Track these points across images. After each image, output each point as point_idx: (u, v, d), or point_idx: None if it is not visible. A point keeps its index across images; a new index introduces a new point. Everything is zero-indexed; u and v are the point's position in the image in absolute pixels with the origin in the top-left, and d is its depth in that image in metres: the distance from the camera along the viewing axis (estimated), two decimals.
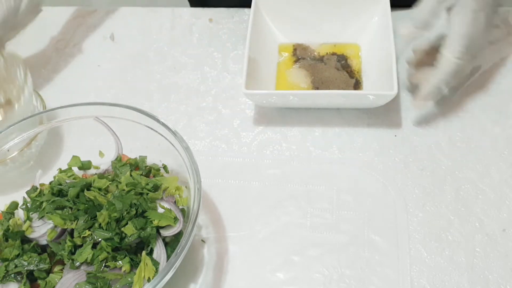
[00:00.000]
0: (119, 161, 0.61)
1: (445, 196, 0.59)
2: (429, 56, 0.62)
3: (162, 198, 0.56)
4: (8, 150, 0.60)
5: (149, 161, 0.61)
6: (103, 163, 0.63)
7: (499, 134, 0.63)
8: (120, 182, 0.57)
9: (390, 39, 0.63)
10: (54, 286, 0.52)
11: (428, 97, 0.61)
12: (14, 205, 0.59)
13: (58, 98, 0.68)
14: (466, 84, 0.66)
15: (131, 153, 0.62)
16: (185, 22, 0.82)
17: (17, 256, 0.53)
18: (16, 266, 0.53)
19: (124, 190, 0.56)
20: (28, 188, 0.59)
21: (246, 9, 0.80)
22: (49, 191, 0.57)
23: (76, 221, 0.54)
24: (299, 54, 0.72)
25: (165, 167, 0.61)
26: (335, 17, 0.71)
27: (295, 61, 0.72)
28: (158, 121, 0.57)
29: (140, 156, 0.61)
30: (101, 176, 0.59)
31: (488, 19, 0.56)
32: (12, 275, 0.53)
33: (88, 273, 0.52)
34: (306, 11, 0.71)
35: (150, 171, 0.60)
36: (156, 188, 0.57)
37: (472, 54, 0.57)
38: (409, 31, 0.59)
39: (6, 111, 0.63)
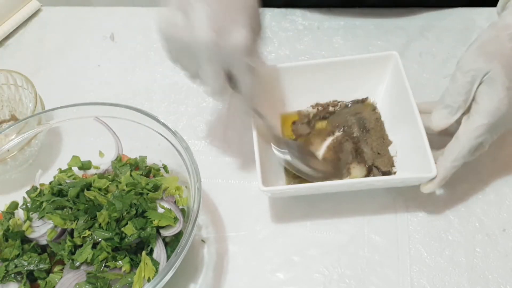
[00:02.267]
0: (119, 161, 0.61)
1: (445, 196, 0.59)
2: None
3: (162, 198, 0.56)
4: (8, 150, 0.60)
5: (149, 161, 0.61)
6: (103, 163, 0.63)
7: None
8: (120, 182, 0.57)
9: (410, 100, 0.57)
10: (54, 286, 0.52)
11: (442, 183, 0.53)
12: (14, 205, 0.59)
13: (58, 98, 0.68)
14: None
15: (131, 153, 0.62)
16: None
17: (17, 256, 0.53)
18: (16, 266, 0.53)
19: (124, 190, 0.56)
20: (28, 188, 0.59)
21: None
22: (49, 191, 0.57)
23: (76, 221, 0.54)
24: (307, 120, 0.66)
25: (165, 167, 0.61)
26: (343, 82, 0.65)
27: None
28: (158, 121, 0.57)
29: (140, 156, 0.61)
30: (101, 176, 0.59)
31: None
32: (12, 275, 0.53)
33: (88, 273, 0.52)
34: (309, 80, 0.65)
35: (150, 171, 0.60)
36: (156, 188, 0.57)
37: (497, 132, 0.52)
38: (442, 121, 0.53)
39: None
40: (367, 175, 0.60)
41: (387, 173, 0.59)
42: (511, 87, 0.50)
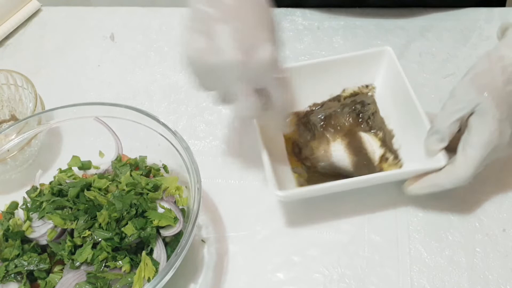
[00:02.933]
0: (119, 161, 0.61)
1: (445, 196, 0.59)
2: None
3: (162, 198, 0.56)
4: (8, 150, 0.60)
5: (149, 161, 0.61)
6: (103, 163, 0.63)
7: None
8: (120, 182, 0.57)
9: (405, 84, 0.59)
10: (54, 286, 0.52)
11: (424, 191, 0.55)
12: (14, 205, 0.59)
13: (58, 98, 0.68)
14: None
15: (131, 153, 0.62)
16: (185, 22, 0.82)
17: (17, 256, 0.53)
18: (16, 266, 0.53)
19: (124, 190, 0.56)
20: (28, 188, 0.59)
21: None
22: (49, 191, 0.57)
23: (76, 221, 0.54)
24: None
25: (165, 167, 0.61)
26: (338, 80, 0.65)
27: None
28: (158, 121, 0.57)
29: (140, 156, 0.61)
30: (101, 176, 0.59)
31: None
32: (12, 275, 0.53)
33: (88, 273, 0.52)
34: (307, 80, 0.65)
35: (150, 171, 0.60)
36: (156, 188, 0.57)
37: (490, 160, 0.53)
38: (433, 147, 0.54)
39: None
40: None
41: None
42: (502, 119, 0.51)
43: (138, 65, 0.78)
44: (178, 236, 0.54)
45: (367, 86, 0.66)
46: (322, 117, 0.65)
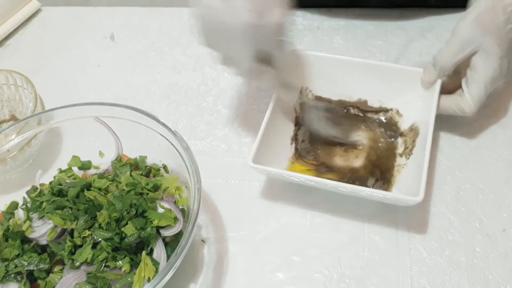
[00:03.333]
0: (119, 161, 0.61)
1: (445, 196, 0.59)
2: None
3: (162, 198, 0.56)
4: (8, 150, 0.60)
5: (149, 161, 0.61)
6: (103, 163, 0.63)
7: (499, 134, 0.63)
8: (120, 182, 0.57)
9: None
10: (54, 286, 0.52)
11: (435, 77, 0.59)
12: (14, 205, 0.59)
13: (58, 98, 0.68)
14: None
15: (131, 153, 0.62)
16: (185, 22, 0.82)
17: (17, 256, 0.53)
18: (16, 266, 0.53)
19: (124, 190, 0.56)
20: (28, 188, 0.59)
21: None
22: (49, 191, 0.57)
23: (76, 221, 0.54)
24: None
25: (165, 167, 0.61)
26: (372, 86, 0.64)
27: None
28: (158, 121, 0.57)
29: (140, 156, 0.61)
30: (101, 176, 0.59)
31: (510, 63, 0.58)
32: (12, 275, 0.53)
33: (88, 273, 0.52)
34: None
35: (150, 171, 0.60)
36: (156, 188, 0.57)
37: (488, 94, 0.58)
38: (431, 78, 0.59)
39: None
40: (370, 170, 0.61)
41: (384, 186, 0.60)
42: (503, 55, 0.56)
43: (138, 65, 0.78)
44: (178, 236, 0.54)
45: (395, 111, 0.64)
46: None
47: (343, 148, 0.64)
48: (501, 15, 0.55)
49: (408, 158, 0.60)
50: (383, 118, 0.65)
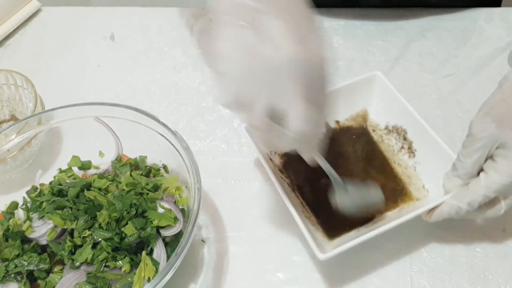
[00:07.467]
0: (119, 161, 0.61)
1: None
2: None
3: (162, 198, 0.56)
4: (8, 150, 0.60)
5: (149, 161, 0.61)
6: (103, 163, 0.63)
7: None
8: (120, 182, 0.57)
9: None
10: (54, 286, 0.52)
11: (439, 218, 0.54)
12: (14, 205, 0.59)
13: (58, 98, 0.68)
14: None
15: (131, 153, 0.62)
16: (185, 22, 0.82)
17: (17, 256, 0.53)
18: (16, 266, 0.53)
19: (124, 190, 0.56)
20: (28, 188, 0.59)
21: None
22: (49, 191, 0.57)
23: (76, 221, 0.54)
24: None
25: (165, 167, 0.61)
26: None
27: None
28: (158, 121, 0.57)
29: (140, 156, 0.61)
30: (101, 176, 0.59)
31: None
32: (12, 275, 0.53)
33: (88, 273, 0.52)
34: None
35: (150, 171, 0.60)
36: (156, 188, 0.57)
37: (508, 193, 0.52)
38: (455, 184, 0.54)
39: None
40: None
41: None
42: None
43: (138, 65, 0.78)
44: (178, 236, 0.54)
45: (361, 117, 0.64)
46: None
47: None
48: None
49: (412, 157, 0.60)
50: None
